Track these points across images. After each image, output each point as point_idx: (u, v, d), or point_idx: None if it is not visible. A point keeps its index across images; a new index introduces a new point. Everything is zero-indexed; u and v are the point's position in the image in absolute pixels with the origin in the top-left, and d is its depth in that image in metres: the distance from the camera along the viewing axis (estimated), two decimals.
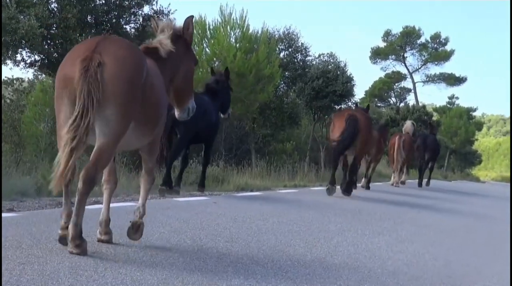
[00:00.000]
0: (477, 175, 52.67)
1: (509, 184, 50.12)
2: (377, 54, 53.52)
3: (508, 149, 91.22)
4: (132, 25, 15.93)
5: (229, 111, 10.07)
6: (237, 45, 18.73)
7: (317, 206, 9.21)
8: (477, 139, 67.03)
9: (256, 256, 4.57)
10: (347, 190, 11.35)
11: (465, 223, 9.61)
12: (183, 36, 4.69)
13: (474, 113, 57.55)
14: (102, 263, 3.63)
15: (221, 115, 9.85)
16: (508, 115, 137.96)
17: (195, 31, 18.99)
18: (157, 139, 4.54)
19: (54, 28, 13.51)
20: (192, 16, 4.83)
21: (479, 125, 59.23)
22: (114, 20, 15.00)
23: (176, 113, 4.94)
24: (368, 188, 14.97)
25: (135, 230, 4.43)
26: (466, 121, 51.05)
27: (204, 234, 5.29)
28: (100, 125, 3.67)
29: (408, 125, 19.04)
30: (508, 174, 75.12)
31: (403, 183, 18.27)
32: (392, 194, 14.11)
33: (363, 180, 15.40)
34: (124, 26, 15.67)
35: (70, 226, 3.67)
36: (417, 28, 52.28)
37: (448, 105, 54.97)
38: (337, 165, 11.63)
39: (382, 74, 54.98)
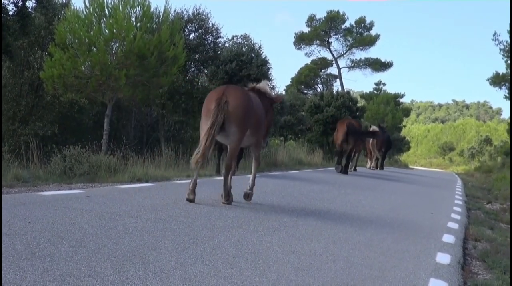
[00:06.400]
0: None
1: (439, 169, 50.74)
2: (302, 40, 52.52)
3: (437, 135, 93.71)
4: None
5: None
6: (138, 24, 17.25)
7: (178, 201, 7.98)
8: (405, 126, 67.99)
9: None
10: (345, 171, 18.22)
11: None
12: (269, 97, 8.46)
13: (402, 100, 57.98)
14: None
15: None
16: (437, 102, 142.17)
17: (92, 9, 17.52)
18: (260, 140, 7.78)
19: None
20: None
21: (406, 112, 59.85)
22: None
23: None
24: (381, 168, 25.95)
25: (248, 196, 7.81)
26: (393, 108, 51.33)
27: (47, 236, 4.26)
28: (230, 136, 6.92)
29: (375, 127, 25.33)
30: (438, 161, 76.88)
31: (375, 168, 26.15)
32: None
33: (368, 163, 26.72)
34: None
35: (223, 189, 7.21)
36: (341, 12, 51.74)
37: (375, 92, 55.06)
38: (341, 154, 18.69)
39: (308, 60, 54.39)
